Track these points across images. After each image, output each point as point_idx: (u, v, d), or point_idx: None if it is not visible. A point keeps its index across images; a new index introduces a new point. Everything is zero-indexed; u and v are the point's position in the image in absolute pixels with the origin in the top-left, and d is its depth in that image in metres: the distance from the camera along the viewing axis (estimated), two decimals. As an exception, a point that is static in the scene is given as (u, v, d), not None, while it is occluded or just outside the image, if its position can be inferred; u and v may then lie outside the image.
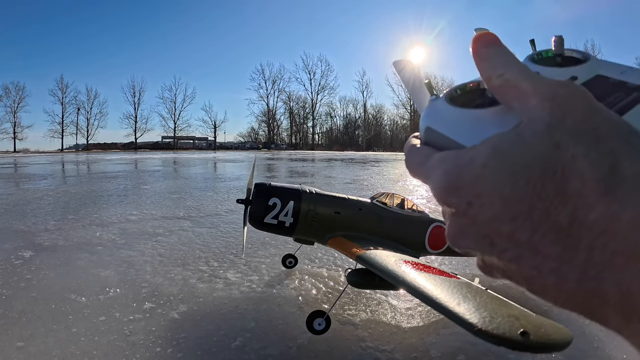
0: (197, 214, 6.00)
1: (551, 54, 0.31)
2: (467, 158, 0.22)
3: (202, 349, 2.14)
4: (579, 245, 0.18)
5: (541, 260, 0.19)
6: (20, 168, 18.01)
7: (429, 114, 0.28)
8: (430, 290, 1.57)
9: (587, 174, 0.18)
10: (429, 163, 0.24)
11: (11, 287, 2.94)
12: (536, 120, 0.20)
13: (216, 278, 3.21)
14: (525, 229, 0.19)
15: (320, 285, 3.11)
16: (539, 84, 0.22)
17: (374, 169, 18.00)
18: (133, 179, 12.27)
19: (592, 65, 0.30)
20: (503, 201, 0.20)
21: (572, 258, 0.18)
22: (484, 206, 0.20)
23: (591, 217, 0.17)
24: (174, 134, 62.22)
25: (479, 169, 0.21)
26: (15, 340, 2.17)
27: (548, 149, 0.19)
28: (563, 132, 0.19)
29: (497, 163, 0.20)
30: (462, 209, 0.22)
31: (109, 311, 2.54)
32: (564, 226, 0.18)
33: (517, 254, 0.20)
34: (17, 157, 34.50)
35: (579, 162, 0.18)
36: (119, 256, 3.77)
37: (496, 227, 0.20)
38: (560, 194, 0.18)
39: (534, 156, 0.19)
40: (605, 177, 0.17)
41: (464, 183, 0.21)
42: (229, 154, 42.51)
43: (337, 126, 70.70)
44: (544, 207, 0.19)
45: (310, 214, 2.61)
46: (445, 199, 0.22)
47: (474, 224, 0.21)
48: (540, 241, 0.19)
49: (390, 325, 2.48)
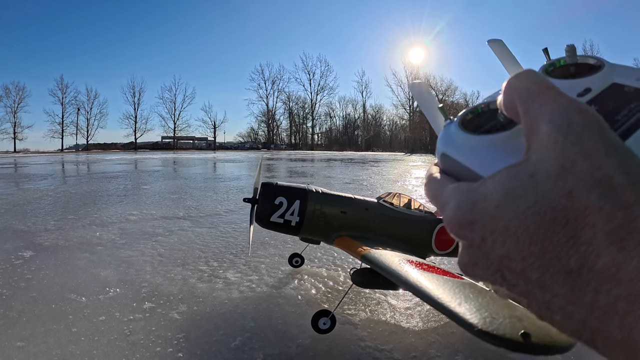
0: (197, 214, 6.00)
1: (564, 62, 0.31)
2: (480, 195, 0.22)
3: (202, 348, 2.15)
4: (587, 288, 0.18)
5: (550, 297, 0.20)
6: (21, 168, 18.00)
7: (444, 139, 0.28)
8: (431, 290, 1.58)
9: (599, 225, 0.18)
10: (444, 195, 0.25)
11: (11, 287, 2.94)
12: (548, 158, 0.20)
13: (216, 278, 3.22)
14: (536, 269, 0.20)
15: (320, 285, 3.12)
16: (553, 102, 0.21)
17: (373, 169, 18.00)
18: (133, 179, 12.27)
19: (607, 73, 0.29)
20: (515, 241, 0.20)
21: (579, 299, 0.19)
22: (497, 243, 0.21)
23: (599, 264, 0.18)
24: (174, 134, 62.21)
25: (492, 209, 0.21)
26: (15, 340, 2.17)
27: (561, 197, 0.19)
28: (576, 178, 0.19)
29: (510, 205, 0.20)
30: (475, 244, 0.22)
31: (109, 311, 2.55)
32: (573, 269, 0.19)
33: (527, 289, 0.21)
34: (17, 157, 34.48)
35: (591, 214, 0.18)
36: (119, 256, 3.77)
37: (508, 263, 0.21)
38: (572, 241, 0.19)
39: (547, 203, 0.19)
40: (616, 229, 0.18)
41: (478, 219, 0.22)
42: (229, 154, 42.51)
43: (336, 126, 70.72)
44: (555, 251, 0.19)
45: (317, 213, 2.62)
46: (459, 233, 0.23)
47: (486, 258, 0.22)
48: (550, 281, 0.19)
49: (390, 325, 2.48)
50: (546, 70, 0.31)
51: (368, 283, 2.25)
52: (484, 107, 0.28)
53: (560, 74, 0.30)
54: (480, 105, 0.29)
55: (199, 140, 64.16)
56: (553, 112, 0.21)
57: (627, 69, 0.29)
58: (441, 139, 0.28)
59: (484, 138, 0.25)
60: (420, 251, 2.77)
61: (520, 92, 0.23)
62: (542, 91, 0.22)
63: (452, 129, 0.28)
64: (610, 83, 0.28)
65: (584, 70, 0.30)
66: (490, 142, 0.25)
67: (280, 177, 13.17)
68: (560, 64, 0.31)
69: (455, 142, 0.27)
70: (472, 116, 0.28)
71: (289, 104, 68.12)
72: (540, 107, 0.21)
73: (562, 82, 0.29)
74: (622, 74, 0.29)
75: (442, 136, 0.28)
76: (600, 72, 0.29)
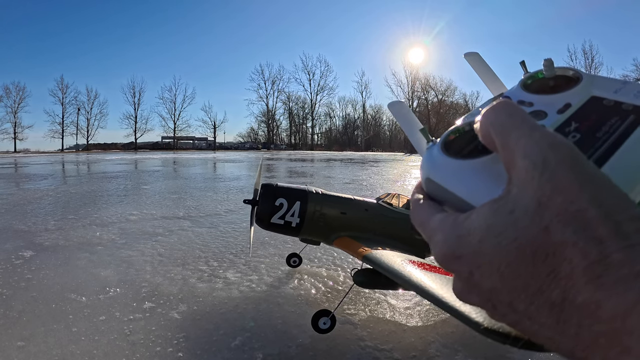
0: (197, 214, 6.01)
1: (542, 75, 0.31)
2: (465, 229, 0.22)
3: (202, 348, 2.15)
4: (570, 320, 0.19)
5: (538, 327, 0.21)
6: (21, 168, 18.00)
7: (427, 163, 0.28)
8: (435, 290, 1.59)
9: (576, 260, 0.19)
10: (431, 225, 0.25)
11: (11, 287, 2.95)
12: (526, 195, 0.21)
13: (216, 278, 3.22)
14: (522, 301, 0.21)
15: (320, 285, 3.12)
16: (528, 136, 0.21)
17: (373, 169, 17.99)
18: (133, 179, 12.27)
19: (585, 85, 0.29)
20: (500, 276, 0.21)
21: (565, 330, 0.19)
22: (484, 277, 0.22)
23: (579, 299, 0.18)
24: (174, 134, 62.19)
25: (476, 244, 0.22)
26: (15, 340, 2.18)
27: (539, 232, 0.20)
28: (552, 214, 0.19)
29: (492, 241, 0.21)
30: (464, 276, 0.23)
31: (109, 311, 2.55)
32: (556, 302, 0.19)
33: (516, 319, 0.22)
34: (18, 157, 34.48)
35: (568, 249, 0.19)
36: (119, 256, 3.77)
37: (496, 295, 0.22)
38: (552, 275, 0.19)
39: (526, 239, 0.20)
40: (592, 265, 0.18)
41: (464, 254, 0.22)
42: (229, 154, 42.49)
43: (336, 126, 70.72)
44: (538, 285, 0.20)
45: (317, 214, 2.62)
46: (448, 267, 0.24)
47: (477, 289, 0.23)
48: (536, 312, 0.20)
49: (389, 325, 2.49)
50: (525, 84, 0.31)
51: (369, 283, 2.26)
52: (466, 126, 0.28)
53: (539, 87, 0.30)
54: (462, 125, 0.28)
55: (199, 140, 64.14)
56: (527, 147, 0.21)
57: (605, 80, 0.29)
58: (424, 163, 0.28)
59: (467, 163, 0.25)
60: (419, 251, 2.78)
61: (496, 126, 0.23)
62: (517, 125, 0.22)
63: (434, 152, 0.27)
64: (589, 96, 0.28)
65: (562, 83, 0.30)
66: (474, 167, 0.25)
67: (280, 177, 13.17)
68: (538, 77, 0.31)
69: (438, 166, 0.27)
70: (455, 137, 0.28)
71: (289, 104, 68.13)
72: (516, 142, 0.22)
73: (542, 97, 0.29)
74: (601, 86, 0.29)
75: (426, 160, 0.28)
76: (578, 86, 0.29)
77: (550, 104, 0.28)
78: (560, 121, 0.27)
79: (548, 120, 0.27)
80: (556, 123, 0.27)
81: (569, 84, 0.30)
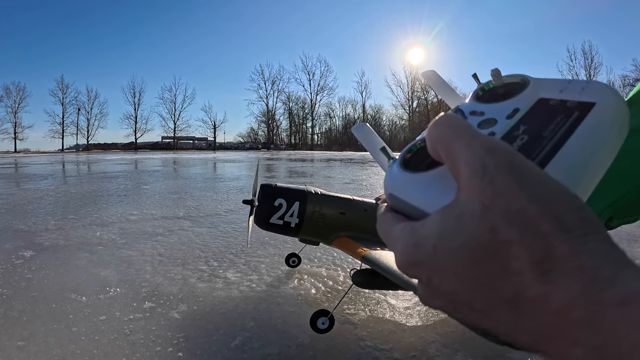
0: (197, 214, 6.01)
1: (492, 85, 0.32)
2: (420, 236, 0.24)
3: (202, 348, 2.15)
4: (525, 315, 0.20)
5: (498, 324, 0.22)
6: (21, 168, 18.00)
7: (388, 179, 0.29)
8: None
9: (523, 258, 0.19)
10: (392, 234, 0.27)
11: (12, 287, 2.95)
12: (471, 200, 0.22)
13: (216, 277, 3.23)
14: (479, 300, 0.22)
15: (320, 285, 3.12)
16: (467, 146, 0.23)
17: (373, 169, 17.99)
18: (133, 179, 12.27)
19: (533, 89, 0.30)
20: (456, 278, 0.22)
21: (522, 325, 0.20)
22: (442, 280, 0.23)
23: (529, 295, 0.19)
24: (174, 134, 62.22)
25: (431, 250, 0.23)
26: (15, 340, 2.18)
27: (486, 233, 0.21)
28: (496, 214, 0.20)
29: (444, 246, 0.22)
30: (424, 281, 0.24)
31: (109, 310, 2.55)
32: (512, 299, 0.20)
33: (477, 317, 0.23)
34: (18, 157, 34.46)
35: (514, 247, 0.20)
36: (119, 256, 3.78)
37: (456, 297, 0.23)
38: (502, 273, 0.20)
39: (475, 241, 0.21)
40: (539, 261, 0.19)
41: (421, 260, 0.23)
42: (229, 154, 42.47)
43: (336, 126, 70.76)
44: (492, 283, 0.21)
45: (316, 214, 2.61)
46: (408, 273, 0.25)
47: (437, 292, 0.24)
48: (493, 309, 0.21)
49: (390, 324, 2.49)
50: (477, 96, 0.33)
51: (369, 284, 2.25)
52: (421, 143, 0.29)
53: (489, 97, 0.32)
54: (417, 142, 0.30)
55: (199, 140, 64.16)
56: (468, 156, 0.22)
57: (552, 81, 0.30)
58: (387, 180, 0.29)
59: (423, 175, 0.27)
60: None
61: (439, 139, 0.25)
62: (458, 135, 0.24)
63: (394, 169, 0.29)
64: (537, 99, 0.29)
65: (512, 89, 0.31)
66: (428, 178, 0.26)
67: (281, 177, 13.18)
68: (488, 87, 0.32)
69: (398, 181, 0.28)
70: (411, 155, 0.29)
71: (289, 104, 68.22)
72: (457, 152, 0.23)
73: (491, 106, 0.31)
74: (547, 88, 0.30)
75: (387, 177, 0.29)
76: (526, 90, 0.30)
77: (500, 110, 0.30)
78: (510, 126, 0.28)
79: (498, 127, 0.29)
80: (505, 128, 0.28)
81: (518, 90, 0.31)
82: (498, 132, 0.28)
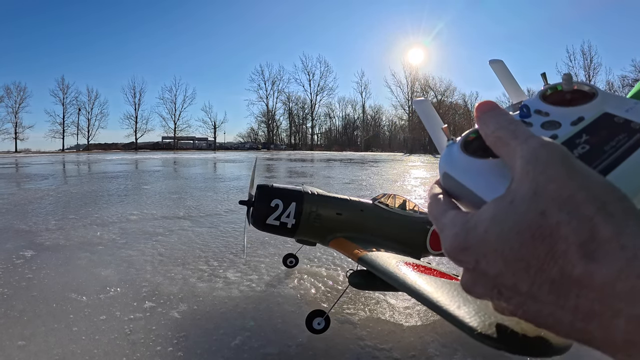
0: (197, 214, 6.02)
1: (560, 88, 0.33)
2: (473, 223, 0.25)
3: (202, 347, 2.16)
4: (569, 294, 0.21)
5: (540, 306, 0.23)
6: (22, 168, 18.01)
7: (446, 159, 0.30)
8: (430, 293, 1.57)
9: (571, 239, 0.21)
10: (444, 219, 0.28)
11: (12, 287, 2.96)
12: (523, 186, 0.24)
13: (216, 277, 3.23)
14: (525, 282, 0.23)
15: (319, 285, 3.13)
16: (524, 143, 0.25)
17: (373, 169, 18.00)
18: (133, 179, 12.28)
19: (600, 102, 0.31)
20: (504, 260, 0.24)
21: (565, 304, 0.22)
22: (489, 264, 0.24)
23: (575, 273, 0.21)
24: (174, 134, 62.21)
25: (482, 234, 0.24)
26: (16, 339, 2.19)
27: (536, 216, 0.22)
28: (547, 199, 0.22)
29: (496, 230, 0.24)
30: (471, 267, 0.26)
31: (110, 310, 2.56)
32: (556, 279, 0.22)
33: (520, 301, 0.24)
34: (19, 157, 34.50)
35: (562, 229, 0.21)
36: (120, 256, 3.78)
37: (501, 280, 0.24)
38: (550, 254, 0.22)
39: (525, 223, 0.23)
40: (585, 242, 0.21)
41: (471, 245, 0.25)
42: (229, 154, 42.49)
43: (336, 127, 70.72)
44: (538, 265, 0.22)
45: (312, 215, 2.61)
46: (456, 257, 0.26)
47: (483, 277, 0.25)
48: (538, 291, 0.23)
49: (389, 324, 2.49)
50: (543, 95, 0.33)
51: (365, 285, 2.24)
52: None
53: (556, 99, 0.32)
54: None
55: (199, 140, 64.13)
56: (524, 150, 0.25)
57: (619, 99, 0.31)
58: (444, 159, 0.30)
59: (483, 162, 0.28)
60: (415, 251, 2.78)
61: (495, 138, 0.27)
62: (514, 134, 0.26)
63: (454, 149, 0.30)
64: (601, 112, 0.30)
65: (578, 97, 0.32)
66: (488, 166, 0.28)
67: (280, 178, 13.19)
68: (557, 89, 0.33)
69: (456, 163, 0.29)
70: (474, 137, 0.30)
71: (289, 105, 68.17)
72: (515, 148, 0.25)
73: (558, 109, 0.31)
74: (614, 104, 0.30)
75: (445, 156, 0.31)
76: (593, 101, 0.31)
77: (565, 115, 0.30)
78: (573, 132, 0.29)
79: (561, 131, 0.29)
80: (569, 134, 0.29)
81: (584, 99, 0.31)
82: (561, 135, 0.29)
